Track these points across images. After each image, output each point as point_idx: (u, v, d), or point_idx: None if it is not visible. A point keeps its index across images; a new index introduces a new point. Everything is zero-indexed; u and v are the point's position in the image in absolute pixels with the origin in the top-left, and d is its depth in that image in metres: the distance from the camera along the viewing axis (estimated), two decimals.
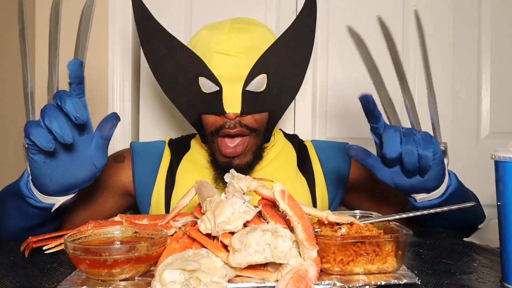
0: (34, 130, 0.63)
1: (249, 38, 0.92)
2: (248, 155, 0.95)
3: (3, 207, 0.79)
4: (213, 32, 0.93)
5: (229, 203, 0.57)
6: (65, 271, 0.63)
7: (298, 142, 1.10)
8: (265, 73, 0.92)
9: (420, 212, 0.69)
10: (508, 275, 0.58)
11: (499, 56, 1.55)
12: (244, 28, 0.93)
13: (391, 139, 0.72)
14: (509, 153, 0.57)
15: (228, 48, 0.90)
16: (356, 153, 0.75)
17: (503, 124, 1.57)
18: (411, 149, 0.71)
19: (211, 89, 0.91)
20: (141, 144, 1.06)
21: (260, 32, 0.95)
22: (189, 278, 0.50)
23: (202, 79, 0.91)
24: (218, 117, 0.93)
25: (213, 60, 0.91)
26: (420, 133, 0.73)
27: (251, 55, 0.91)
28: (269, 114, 0.95)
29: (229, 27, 0.93)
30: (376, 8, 1.54)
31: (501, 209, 0.58)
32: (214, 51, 0.91)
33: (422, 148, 0.71)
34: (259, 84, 0.92)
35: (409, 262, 0.67)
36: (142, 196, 1.00)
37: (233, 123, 0.91)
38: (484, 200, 0.93)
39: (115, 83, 1.50)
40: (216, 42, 0.91)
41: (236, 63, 0.91)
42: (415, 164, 0.72)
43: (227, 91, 0.90)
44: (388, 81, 0.83)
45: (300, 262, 0.54)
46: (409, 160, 0.72)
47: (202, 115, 0.94)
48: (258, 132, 0.95)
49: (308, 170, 1.04)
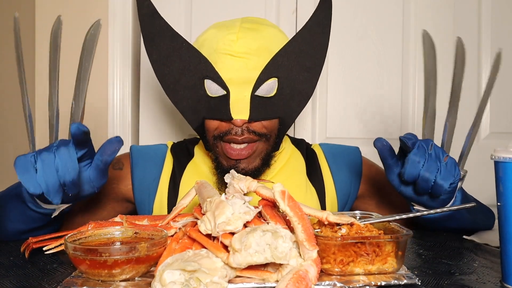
0: (23, 176, 0.64)
1: (259, 38, 0.87)
2: (256, 161, 0.90)
3: (4, 209, 0.79)
4: (222, 31, 0.88)
5: (229, 204, 0.57)
6: (65, 271, 0.63)
7: (306, 147, 1.04)
8: (275, 77, 0.87)
9: (420, 213, 0.69)
10: (508, 276, 0.58)
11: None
12: (254, 28, 0.88)
13: (413, 164, 0.72)
14: (509, 153, 0.57)
15: (237, 49, 0.85)
16: (382, 149, 0.74)
17: (503, 124, 1.58)
18: (428, 178, 0.72)
19: (217, 93, 0.86)
20: (141, 148, 1.01)
21: (271, 33, 0.89)
22: (189, 279, 0.50)
23: (208, 82, 0.87)
24: (223, 122, 0.87)
25: (220, 62, 0.86)
26: (446, 160, 0.73)
27: (262, 57, 0.86)
28: (279, 120, 0.90)
29: (238, 26, 0.88)
30: (376, 8, 1.54)
31: (501, 209, 0.58)
32: (222, 52, 0.86)
33: (441, 177, 0.72)
34: (269, 88, 0.87)
35: (409, 262, 0.67)
36: (142, 203, 0.96)
37: (240, 130, 0.86)
38: (484, 200, 0.93)
39: (115, 85, 1.50)
40: (224, 42, 0.86)
41: (245, 66, 0.85)
42: (427, 189, 0.74)
43: (235, 96, 0.85)
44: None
45: (300, 263, 0.54)
46: (422, 186, 0.73)
47: (205, 120, 0.89)
48: (268, 137, 0.89)
49: (317, 179, 0.99)
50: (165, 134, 1.54)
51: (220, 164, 0.91)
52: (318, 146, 1.05)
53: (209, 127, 0.89)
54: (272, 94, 0.88)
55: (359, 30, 1.55)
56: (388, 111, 1.54)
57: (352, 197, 1.02)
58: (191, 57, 0.87)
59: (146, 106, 1.55)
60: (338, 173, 1.00)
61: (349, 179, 1.00)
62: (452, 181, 0.72)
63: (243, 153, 0.87)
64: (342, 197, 1.00)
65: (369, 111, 1.53)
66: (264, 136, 0.88)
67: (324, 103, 1.55)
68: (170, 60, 0.88)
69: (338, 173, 1.00)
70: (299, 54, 0.88)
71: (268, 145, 0.91)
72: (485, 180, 1.17)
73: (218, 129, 0.88)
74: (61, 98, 0.76)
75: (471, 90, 1.54)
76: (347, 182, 1.00)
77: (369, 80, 1.55)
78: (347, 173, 1.01)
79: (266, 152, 0.91)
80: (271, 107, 0.88)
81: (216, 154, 0.91)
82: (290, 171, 0.98)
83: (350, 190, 1.01)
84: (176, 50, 0.88)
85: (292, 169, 0.99)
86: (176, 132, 1.55)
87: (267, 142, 0.90)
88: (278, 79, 0.87)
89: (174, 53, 0.88)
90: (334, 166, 1.01)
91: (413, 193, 0.77)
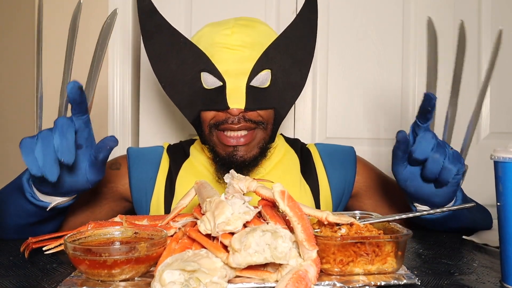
0: (26, 157, 0.64)
1: (253, 33, 0.91)
2: (254, 149, 0.92)
3: (4, 203, 0.80)
4: (217, 28, 0.92)
5: (229, 204, 0.57)
6: (65, 271, 0.63)
7: (301, 146, 1.07)
8: (269, 68, 0.91)
9: (420, 213, 0.69)
10: (508, 275, 0.58)
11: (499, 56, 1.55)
12: (248, 24, 0.93)
13: (425, 142, 0.72)
14: (509, 153, 0.57)
15: (233, 42, 0.89)
16: (402, 140, 0.73)
17: (503, 124, 1.58)
18: (439, 159, 0.72)
19: (214, 85, 0.90)
20: (138, 150, 1.03)
21: (263, 29, 0.94)
22: (189, 279, 0.50)
23: (205, 75, 0.90)
24: (220, 112, 0.90)
25: (217, 55, 0.89)
26: (452, 149, 0.74)
27: (256, 50, 0.90)
28: (274, 111, 0.94)
29: (233, 23, 0.93)
30: (376, 8, 1.54)
31: (501, 209, 0.58)
32: (219, 46, 0.89)
33: (449, 161, 0.72)
34: (263, 80, 0.90)
35: (409, 262, 0.68)
36: (139, 203, 0.98)
37: (237, 119, 0.89)
38: (484, 200, 0.93)
39: (115, 85, 1.50)
40: (220, 36, 0.90)
41: (240, 57, 0.89)
42: (436, 173, 0.73)
43: (231, 86, 0.88)
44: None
45: (300, 263, 0.54)
46: (432, 167, 0.72)
47: (201, 112, 0.92)
48: (265, 126, 0.92)
49: (312, 177, 1.01)
50: (165, 134, 1.55)
51: (217, 154, 0.93)
52: (313, 146, 1.07)
53: (205, 118, 0.92)
54: (267, 85, 0.91)
55: (359, 30, 1.55)
56: (388, 111, 1.54)
57: (347, 196, 1.03)
58: (188, 52, 0.90)
59: (146, 106, 1.55)
60: (333, 172, 1.02)
61: (343, 178, 1.02)
62: (459, 167, 0.72)
63: (241, 140, 0.90)
64: (336, 196, 1.01)
65: (369, 111, 1.53)
66: (261, 124, 0.91)
67: (324, 103, 1.55)
68: (168, 56, 0.91)
69: (333, 172, 1.02)
70: (289, 47, 0.93)
71: (266, 134, 0.94)
72: (485, 180, 1.17)
73: (214, 118, 0.91)
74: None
75: (471, 90, 1.54)
76: (342, 181, 1.01)
77: (369, 80, 1.55)
78: (341, 172, 1.02)
79: (264, 141, 0.94)
80: (265, 97, 0.91)
81: (213, 144, 0.93)
82: (285, 168, 1.00)
83: (344, 189, 1.02)
84: (174, 46, 0.91)
85: (287, 167, 1.00)
86: (176, 132, 1.55)
87: (265, 131, 0.93)
88: (271, 71, 0.91)
89: (172, 48, 0.91)
90: (329, 165, 1.02)
91: (419, 182, 0.76)
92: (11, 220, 0.79)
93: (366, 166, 1.06)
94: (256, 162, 0.93)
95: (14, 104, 1.54)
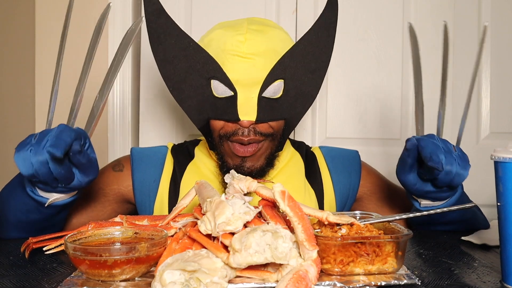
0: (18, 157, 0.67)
1: (266, 40, 0.87)
2: (261, 159, 0.90)
3: (7, 198, 0.80)
4: (229, 32, 0.88)
5: (229, 204, 0.57)
6: (65, 271, 0.63)
7: (306, 150, 1.05)
8: (282, 78, 0.87)
9: (420, 213, 0.69)
10: (508, 275, 0.58)
11: (499, 56, 1.55)
12: (261, 30, 0.88)
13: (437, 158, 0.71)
14: (509, 153, 0.57)
15: (245, 50, 0.85)
16: (412, 148, 0.73)
17: (503, 124, 1.57)
18: (450, 170, 0.72)
19: (224, 94, 0.87)
20: (142, 150, 1.01)
21: (276, 35, 0.90)
22: (189, 279, 0.50)
23: (215, 82, 0.87)
24: (230, 122, 0.88)
25: (228, 63, 0.86)
26: (455, 150, 0.74)
27: (269, 59, 0.86)
28: (284, 121, 0.91)
29: (246, 28, 0.88)
30: (376, 8, 1.54)
31: (501, 209, 0.58)
32: (230, 53, 0.85)
33: (461, 167, 0.72)
34: (275, 90, 0.87)
35: (409, 262, 0.68)
36: (142, 204, 0.96)
37: (247, 131, 0.86)
38: (484, 200, 0.93)
39: (115, 85, 1.50)
40: (232, 43, 0.86)
41: (253, 67, 0.85)
42: (448, 182, 0.74)
43: (242, 97, 0.85)
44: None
45: (300, 263, 0.54)
46: (444, 178, 0.73)
47: (211, 119, 0.90)
48: (274, 137, 0.90)
49: (316, 181, 0.99)
50: (165, 134, 1.54)
51: (225, 163, 0.92)
52: (318, 149, 1.06)
53: (215, 127, 0.90)
54: (279, 96, 0.88)
55: (360, 30, 1.55)
56: (388, 112, 1.54)
57: (351, 200, 1.02)
58: (198, 56, 0.87)
59: (146, 106, 1.55)
60: (337, 176, 1.01)
61: (348, 182, 1.01)
62: (468, 167, 0.73)
63: (248, 149, 0.88)
64: (340, 200, 1.00)
65: (369, 111, 1.53)
66: (270, 135, 0.89)
67: (324, 104, 1.55)
68: (176, 59, 0.88)
69: (337, 176, 1.01)
70: (305, 56, 0.89)
71: (273, 145, 0.92)
72: (485, 180, 1.17)
73: (224, 129, 0.89)
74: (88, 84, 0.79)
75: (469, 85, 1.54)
76: (346, 185, 1.01)
77: (369, 81, 1.55)
78: (346, 176, 1.01)
79: (271, 151, 0.92)
80: (277, 108, 0.88)
81: (222, 153, 0.92)
82: (290, 172, 0.99)
83: (348, 193, 1.01)
84: (183, 50, 0.87)
85: (292, 171, 0.99)
86: (176, 132, 1.55)
87: (272, 142, 0.91)
88: (284, 81, 0.88)
89: (180, 52, 0.88)
90: (334, 169, 1.01)
91: (428, 187, 0.77)
92: (13, 216, 0.80)
93: (371, 171, 1.05)
94: (263, 173, 0.92)
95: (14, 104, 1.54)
